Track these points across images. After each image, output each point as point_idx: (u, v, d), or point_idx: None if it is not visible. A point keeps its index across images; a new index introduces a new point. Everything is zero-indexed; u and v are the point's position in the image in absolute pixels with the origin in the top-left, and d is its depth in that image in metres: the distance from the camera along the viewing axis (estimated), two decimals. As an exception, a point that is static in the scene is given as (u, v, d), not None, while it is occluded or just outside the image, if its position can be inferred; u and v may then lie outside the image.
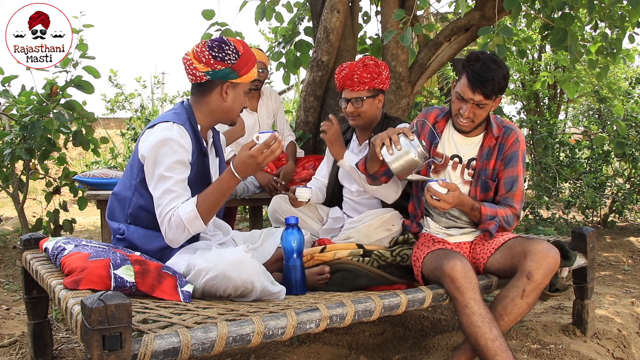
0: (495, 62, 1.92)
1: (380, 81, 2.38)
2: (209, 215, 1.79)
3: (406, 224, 2.24)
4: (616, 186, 4.67)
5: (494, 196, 2.07)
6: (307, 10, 4.16)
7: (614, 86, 4.41)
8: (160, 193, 1.75)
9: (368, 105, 2.39)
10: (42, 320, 2.00)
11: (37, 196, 5.83)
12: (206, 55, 1.81)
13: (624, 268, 3.48)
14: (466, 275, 1.73)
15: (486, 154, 2.06)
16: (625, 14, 3.27)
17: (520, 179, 2.04)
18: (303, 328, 1.47)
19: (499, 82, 1.91)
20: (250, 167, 1.77)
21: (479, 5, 3.33)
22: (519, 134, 2.06)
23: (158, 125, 1.81)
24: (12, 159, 3.16)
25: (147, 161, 1.78)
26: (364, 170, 2.18)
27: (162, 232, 1.78)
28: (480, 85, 1.90)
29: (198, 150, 1.87)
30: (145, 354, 1.21)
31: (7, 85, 3.21)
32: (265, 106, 3.37)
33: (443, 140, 2.13)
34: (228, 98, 1.89)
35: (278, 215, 2.51)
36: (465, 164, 2.09)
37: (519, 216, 2.07)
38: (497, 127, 2.06)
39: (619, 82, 6.93)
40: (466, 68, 1.93)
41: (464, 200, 1.95)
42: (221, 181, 1.80)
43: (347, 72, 2.37)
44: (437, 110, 2.19)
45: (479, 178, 2.06)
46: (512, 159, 2.04)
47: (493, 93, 1.92)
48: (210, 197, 1.78)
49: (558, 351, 2.06)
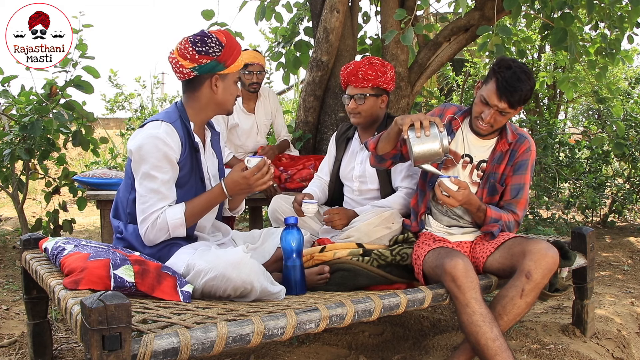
0: (525, 73, 1.91)
1: (385, 80, 2.37)
2: (191, 224, 1.86)
3: (406, 223, 2.24)
4: (616, 186, 4.67)
5: (499, 200, 2.08)
6: (307, 10, 4.16)
7: (613, 86, 4.41)
8: (146, 191, 1.79)
9: (370, 103, 2.39)
10: (41, 320, 2.00)
11: (36, 196, 5.83)
12: (190, 51, 1.82)
13: (623, 268, 3.49)
14: (467, 275, 1.73)
15: (497, 158, 2.07)
16: (624, 14, 3.27)
17: (527, 188, 2.06)
18: (303, 328, 1.47)
19: (526, 94, 1.91)
20: (241, 187, 1.84)
21: (478, 5, 3.33)
22: (531, 144, 2.08)
23: (147, 125, 1.86)
24: (12, 159, 3.16)
25: (133, 158, 1.82)
26: (374, 149, 2.14)
27: (142, 229, 1.81)
28: (508, 94, 1.90)
29: (190, 147, 1.89)
30: (145, 354, 1.21)
31: (7, 85, 3.21)
32: (263, 107, 3.36)
33: (457, 138, 2.12)
34: (219, 90, 1.90)
35: (278, 215, 2.51)
36: (475, 165, 2.10)
37: (520, 223, 2.09)
38: (512, 134, 2.07)
39: (619, 82, 6.93)
40: (497, 74, 1.92)
41: (472, 200, 1.95)
42: (210, 195, 1.88)
43: (352, 68, 2.38)
44: (454, 107, 2.18)
45: (488, 181, 2.07)
46: (522, 166, 2.05)
47: (518, 103, 1.92)
48: (197, 208, 1.85)
49: (558, 351, 2.06)
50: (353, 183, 2.48)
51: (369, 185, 2.45)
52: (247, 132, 3.30)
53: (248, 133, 3.31)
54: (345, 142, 2.61)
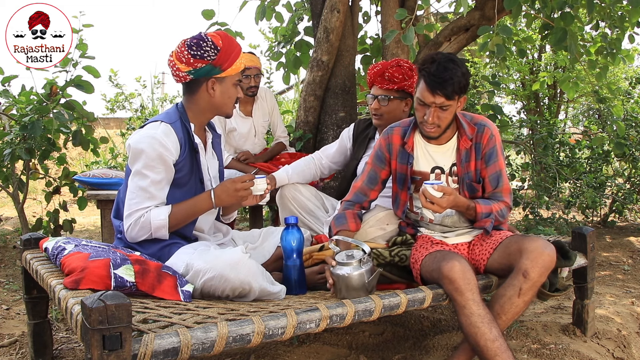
0: (452, 61, 1.85)
1: (411, 84, 2.35)
2: (174, 228, 1.86)
3: (402, 225, 2.23)
4: (616, 186, 4.66)
5: (482, 194, 2.05)
6: (307, 10, 4.16)
7: (613, 86, 4.41)
8: (135, 188, 1.81)
9: (394, 106, 2.37)
10: (42, 320, 2.00)
11: (37, 196, 5.83)
12: (185, 55, 1.83)
13: (624, 268, 3.48)
14: (465, 276, 1.72)
15: (465, 157, 2.00)
16: (625, 14, 3.27)
17: (504, 172, 2.01)
18: (303, 328, 1.47)
19: (459, 81, 1.84)
20: (228, 192, 1.86)
21: (479, 5, 3.34)
22: (492, 129, 1.99)
23: (147, 125, 1.87)
24: (12, 159, 3.16)
25: (129, 156, 1.84)
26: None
27: (125, 225, 1.82)
28: (439, 86, 1.82)
29: (190, 148, 1.89)
30: (145, 353, 1.21)
31: (7, 85, 3.21)
32: (261, 109, 3.35)
33: (417, 156, 2.05)
34: (215, 93, 1.90)
35: (287, 202, 2.48)
36: (448, 172, 2.04)
37: (511, 207, 2.06)
38: (470, 127, 1.99)
39: (619, 82, 6.93)
40: (422, 71, 1.86)
41: (459, 202, 1.92)
42: (197, 200, 1.88)
43: (379, 69, 2.36)
44: (398, 128, 2.08)
45: (464, 182, 2.02)
46: (492, 155, 1.99)
47: (454, 93, 1.85)
48: (182, 212, 1.85)
49: (558, 351, 2.06)
50: None
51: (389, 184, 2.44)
52: (244, 136, 3.30)
53: (246, 136, 3.30)
54: (365, 142, 2.57)
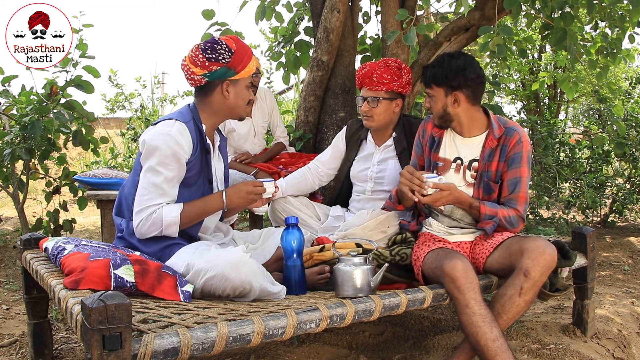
0: (450, 55, 2.00)
1: (400, 84, 2.35)
2: (184, 226, 1.87)
3: (403, 224, 2.23)
4: (616, 186, 4.66)
5: (498, 197, 2.06)
6: (307, 10, 4.16)
7: (614, 86, 4.41)
8: (148, 184, 1.81)
9: (384, 107, 2.37)
10: (42, 320, 2.00)
11: (37, 196, 5.83)
12: (200, 58, 1.86)
13: (624, 268, 3.48)
14: (467, 275, 1.72)
15: (488, 156, 2.04)
16: (625, 13, 3.27)
17: (524, 181, 2.01)
18: (303, 328, 1.47)
19: (445, 69, 1.97)
20: (240, 194, 1.94)
21: (479, 5, 3.33)
22: (522, 135, 2.02)
23: (160, 122, 1.88)
24: (12, 159, 3.16)
25: (143, 151, 1.84)
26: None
27: (135, 220, 1.82)
28: (424, 76, 2.03)
29: (201, 148, 1.91)
30: (145, 353, 1.21)
31: (7, 85, 3.21)
32: (260, 109, 3.35)
33: (444, 144, 2.12)
34: (230, 96, 1.93)
35: (278, 214, 2.51)
36: (467, 165, 2.08)
37: (524, 218, 2.04)
38: (499, 128, 2.05)
39: (619, 82, 6.93)
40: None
41: (461, 198, 1.95)
42: (208, 200, 1.92)
43: (367, 70, 2.36)
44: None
45: (482, 180, 2.05)
46: (515, 160, 2.01)
47: (439, 80, 1.98)
48: (194, 211, 1.88)
49: (558, 351, 2.06)
50: (367, 184, 2.47)
51: (385, 187, 2.44)
52: (244, 137, 3.30)
53: (245, 137, 3.31)
54: (357, 143, 2.57)
